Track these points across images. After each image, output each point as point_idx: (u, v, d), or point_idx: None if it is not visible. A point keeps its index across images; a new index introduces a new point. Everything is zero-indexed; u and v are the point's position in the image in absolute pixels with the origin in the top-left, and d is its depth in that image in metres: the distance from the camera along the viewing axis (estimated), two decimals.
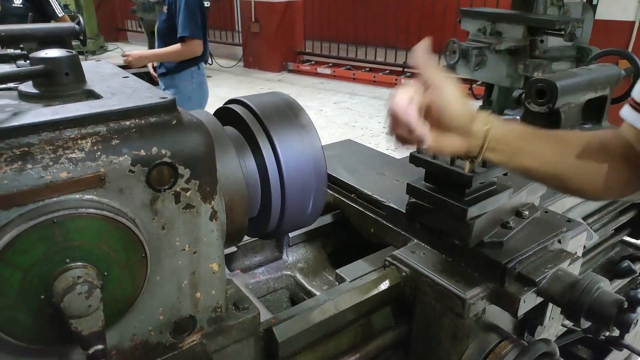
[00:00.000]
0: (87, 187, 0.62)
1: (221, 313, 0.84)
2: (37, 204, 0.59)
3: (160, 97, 0.71)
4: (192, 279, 0.78)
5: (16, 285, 0.57)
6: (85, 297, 0.58)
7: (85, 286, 0.58)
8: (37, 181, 0.59)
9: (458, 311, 0.94)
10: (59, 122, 0.61)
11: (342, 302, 0.98)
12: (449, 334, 0.98)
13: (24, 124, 0.59)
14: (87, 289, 0.58)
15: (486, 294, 0.96)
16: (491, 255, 0.96)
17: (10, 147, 0.58)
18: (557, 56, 3.83)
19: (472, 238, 0.95)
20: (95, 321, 0.61)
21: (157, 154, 0.67)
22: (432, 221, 1.03)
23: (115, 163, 0.64)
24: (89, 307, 0.59)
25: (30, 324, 0.60)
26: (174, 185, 0.70)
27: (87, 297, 0.58)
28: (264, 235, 0.97)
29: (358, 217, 1.29)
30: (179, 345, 0.80)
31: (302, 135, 0.89)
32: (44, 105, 0.70)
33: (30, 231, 0.57)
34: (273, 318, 0.94)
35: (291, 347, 0.91)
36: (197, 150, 0.71)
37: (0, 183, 0.56)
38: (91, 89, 0.76)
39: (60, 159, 0.60)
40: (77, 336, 0.60)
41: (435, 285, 0.97)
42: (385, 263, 1.08)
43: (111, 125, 0.65)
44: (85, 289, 0.58)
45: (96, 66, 0.93)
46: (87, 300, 0.59)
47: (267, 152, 0.86)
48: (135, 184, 0.66)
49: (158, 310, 0.75)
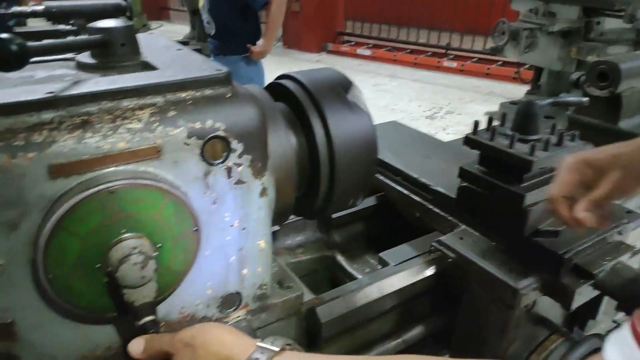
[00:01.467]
0: (143, 158, 0.62)
1: (266, 290, 0.84)
2: (95, 173, 0.59)
3: (216, 69, 0.70)
4: (240, 255, 0.77)
5: (74, 253, 0.58)
6: (140, 267, 0.59)
7: (140, 257, 0.58)
8: (96, 150, 0.59)
9: (508, 301, 0.90)
10: (118, 92, 0.61)
11: (386, 286, 0.96)
12: (496, 325, 0.95)
13: (84, 93, 0.59)
14: (142, 260, 0.59)
15: (539, 285, 0.92)
16: (546, 245, 0.91)
17: (71, 116, 0.58)
18: (613, 39, 3.61)
19: (528, 226, 0.91)
20: (148, 292, 0.61)
21: (211, 127, 0.66)
22: (485, 207, 0.99)
23: (171, 135, 0.63)
24: (142, 277, 0.59)
25: (85, 292, 0.61)
26: (227, 160, 0.69)
27: (141, 268, 0.59)
28: (309, 215, 0.96)
29: (402, 201, 1.25)
30: (225, 320, 0.80)
31: (355, 113, 0.87)
32: (101, 76, 0.70)
33: (89, 200, 0.57)
34: (316, 299, 0.93)
35: (334, 329, 0.90)
36: (251, 125, 0.70)
37: (61, 151, 0.57)
38: (146, 61, 0.76)
39: (119, 129, 0.60)
40: (130, 306, 0.61)
41: (485, 273, 0.93)
42: (431, 248, 1.05)
43: (168, 97, 0.65)
44: (140, 260, 0.58)
45: (149, 39, 0.93)
46: (142, 271, 0.59)
47: (318, 129, 0.84)
48: (189, 157, 0.66)
49: (206, 285, 0.75)
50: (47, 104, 0.57)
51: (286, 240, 1.24)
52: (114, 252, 0.59)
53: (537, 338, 0.97)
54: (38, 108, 0.57)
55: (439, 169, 1.26)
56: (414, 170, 1.24)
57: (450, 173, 1.20)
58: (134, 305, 0.60)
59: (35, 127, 0.56)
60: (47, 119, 0.57)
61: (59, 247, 0.57)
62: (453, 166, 1.16)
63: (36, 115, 0.57)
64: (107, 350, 0.69)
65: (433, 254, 1.04)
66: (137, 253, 0.58)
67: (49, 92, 0.58)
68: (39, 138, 0.56)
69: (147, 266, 0.59)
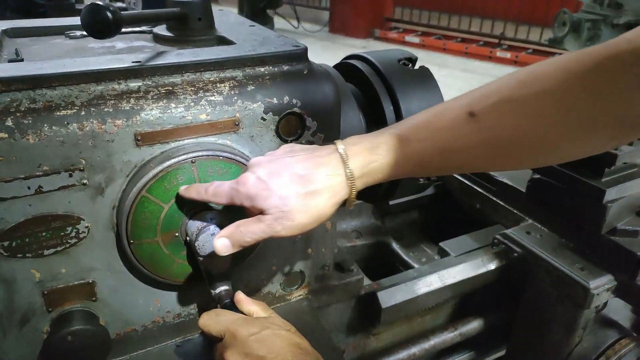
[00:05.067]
0: (223, 131, 0.62)
1: (328, 271, 0.83)
2: (178, 142, 0.60)
3: (293, 45, 0.69)
4: (306, 234, 0.77)
5: (155, 220, 0.59)
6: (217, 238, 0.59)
7: (218, 228, 0.59)
8: (179, 121, 0.59)
9: (578, 301, 0.86)
10: (201, 64, 0.61)
11: (447, 277, 0.94)
12: (562, 324, 0.90)
13: (169, 64, 0.60)
14: (219, 231, 0.59)
15: (612, 285, 0.87)
16: (624, 245, 0.86)
17: (157, 86, 0.59)
18: None
19: (606, 223, 0.86)
20: (223, 263, 0.62)
21: (288, 103, 0.65)
22: (560, 201, 0.94)
23: (249, 109, 0.63)
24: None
25: (163, 259, 0.62)
26: (300, 137, 0.68)
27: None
28: (374, 199, 0.94)
29: (462, 191, 1.22)
30: (287, 298, 0.81)
31: (426, 94, 0.84)
32: (178, 49, 0.71)
33: (171, 169, 0.58)
34: (375, 284, 0.92)
35: (393, 315, 0.89)
36: (326, 103, 0.69)
37: (147, 119, 0.58)
38: (222, 35, 0.76)
39: (201, 101, 0.60)
40: (207, 275, 0.62)
41: (554, 270, 0.89)
42: (495, 241, 1.01)
43: (247, 71, 0.64)
44: (218, 231, 0.59)
45: (220, 15, 0.93)
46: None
47: (389, 111, 0.82)
48: (265, 132, 0.65)
49: (272, 261, 0.76)
50: (134, 72, 0.58)
51: (342, 225, 1.23)
52: (193, 222, 0.60)
53: (605, 341, 0.92)
54: (126, 76, 0.58)
55: None
56: None
57: None
58: (210, 274, 0.61)
59: (123, 95, 0.57)
60: (135, 88, 0.58)
61: (141, 213, 0.58)
62: None
63: (124, 83, 0.57)
64: (177, 317, 0.70)
65: (496, 247, 1.00)
66: (215, 224, 0.59)
67: (135, 61, 0.59)
68: (126, 106, 0.57)
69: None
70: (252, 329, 0.56)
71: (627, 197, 0.91)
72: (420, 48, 7.31)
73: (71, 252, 0.59)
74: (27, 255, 0.57)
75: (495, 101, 0.54)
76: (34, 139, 0.52)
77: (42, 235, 0.56)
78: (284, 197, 0.54)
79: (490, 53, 6.44)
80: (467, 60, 6.64)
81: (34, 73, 0.53)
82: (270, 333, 0.56)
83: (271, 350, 0.54)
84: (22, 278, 0.58)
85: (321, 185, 0.56)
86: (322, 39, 8.32)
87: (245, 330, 0.56)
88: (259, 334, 0.55)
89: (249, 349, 0.54)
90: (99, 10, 0.53)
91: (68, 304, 0.62)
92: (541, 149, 0.55)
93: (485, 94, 0.56)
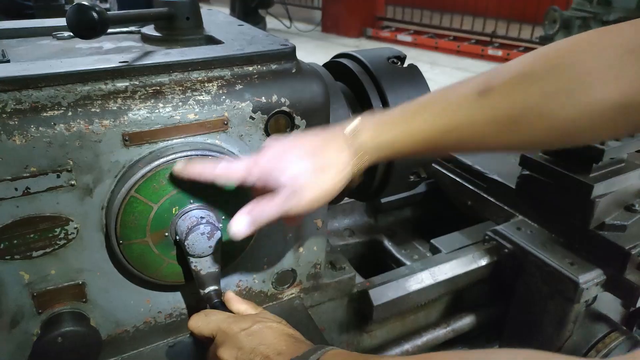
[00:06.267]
0: (211, 130, 0.62)
1: (319, 270, 0.83)
2: (166, 142, 0.60)
3: (281, 44, 0.69)
4: (297, 233, 0.77)
5: (144, 220, 0.59)
6: (207, 237, 0.59)
7: (207, 227, 0.59)
8: (168, 121, 0.59)
9: (568, 295, 0.87)
10: (188, 64, 0.61)
11: (438, 273, 0.94)
12: (553, 319, 0.91)
13: (157, 63, 0.60)
14: (209, 230, 0.59)
15: (602, 279, 0.88)
16: (612, 239, 0.87)
17: (144, 86, 0.59)
18: None
19: (594, 218, 0.87)
20: (213, 262, 0.62)
21: (276, 102, 0.65)
22: (548, 196, 0.95)
23: (238, 108, 0.63)
24: (209, 247, 0.60)
25: (153, 259, 0.62)
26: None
27: (208, 238, 0.59)
28: (365, 196, 0.95)
29: (454, 188, 1.22)
30: (279, 296, 0.81)
31: (414, 92, 0.84)
32: (167, 48, 0.70)
33: (160, 169, 0.58)
34: (367, 281, 0.92)
35: (385, 312, 0.89)
36: (315, 102, 0.69)
37: (135, 119, 0.57)
38: (210, 35, 0.76)
39: (189, 101, 0.60)
40: (196, 275, 0.62)
41: (545, 266, 0.90)
42: (485, 238, 1.02)
43: (235, 70, 0.64)
44: (207, 230, 0.59)
45: (208, 14, 0.92)
46: (209, 241, 0.59)
47: (378, 109, 0.82)
48: (254, 131, 0.65)
49: (263, 260, 0.76)
50: (121, 72, 0.58)
51: (334, 223, 1.23)
52: (183, 222, 0.60)
53: (595, 335, 0.93)
54: (113, 76, 0.57)
55: (493, 156, 1.22)
56: (468, 157, 1.21)
57: (505, 161, 1.16)
58: (200, 273, 0.61)
59: (110, 95, 0.57)
60: (122, 88, 0.58)
61: (130, 213, 0.58)
62: (508, 154, 1.12)
63: (111, 83, 0.57)
64: (169, 317, 0.70)
65: (487, 244, 1.01)
66: (205, 223, 0.59)
67: (122, 61, 0.59)
68: (114, 106, 0.57)
69: (213, 236, 0.59)
70: (243, 324, 0.56)
71: (615, 192, 0.92)
72: (412, 46, 7.33)
73: (60, 254, 0.59)
74: (15, 257, 0.56)
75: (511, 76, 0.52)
76: (21, 140, 0.52)
77: (31, 237, 0.56)
78: (295, 173, 0.55)
79: (482, 51, 6.46)
80: (459, 59, 6.66)
81: (19, 74, 0.53)
82: (262, 326, 0.56)
83: (263, 341, 0.54)
84: (11, 280, 0.58)
85: (330, 161, 0.57)
86: (315, 38, 8.32)
87: (236, 327, 0.56)
88: (250, 328, 0.56)
89: (240, 343, 0.54)
90: (85, 10, 0.53)
91: (58, 306, 0.61)
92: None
93: (499, 70, 0.55)
